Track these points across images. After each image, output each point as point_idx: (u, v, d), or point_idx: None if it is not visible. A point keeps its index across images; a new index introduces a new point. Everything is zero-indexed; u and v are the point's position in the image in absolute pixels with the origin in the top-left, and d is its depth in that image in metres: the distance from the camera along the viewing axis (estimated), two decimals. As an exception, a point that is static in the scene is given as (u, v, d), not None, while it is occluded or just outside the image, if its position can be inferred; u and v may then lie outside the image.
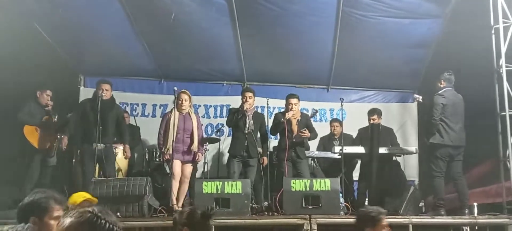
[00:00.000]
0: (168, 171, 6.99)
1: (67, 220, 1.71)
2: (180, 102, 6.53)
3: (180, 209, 6.18)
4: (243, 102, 6.80)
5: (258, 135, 6.99)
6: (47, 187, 6.81)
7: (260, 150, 6.94)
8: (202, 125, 7.42)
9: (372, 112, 7.42)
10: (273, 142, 7.70)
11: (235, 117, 6.75)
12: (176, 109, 6.52)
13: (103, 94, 6.55)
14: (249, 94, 6.86)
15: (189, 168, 6.58)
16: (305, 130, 6.86)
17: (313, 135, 7.13)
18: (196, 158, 6.64)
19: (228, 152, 6.96)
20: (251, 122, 6.72)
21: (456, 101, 6.36)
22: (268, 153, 7.23)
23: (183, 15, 7.03)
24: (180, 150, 6.42)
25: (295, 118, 6.91)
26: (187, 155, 6.51)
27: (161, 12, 6.99)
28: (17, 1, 6.57)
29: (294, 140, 6.82)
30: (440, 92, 6.36)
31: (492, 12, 6.27)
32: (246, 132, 6.66)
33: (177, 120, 6.44)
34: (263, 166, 6.82)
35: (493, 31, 6.28)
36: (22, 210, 2.70)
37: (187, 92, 6.69)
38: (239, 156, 6.68)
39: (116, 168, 6.92)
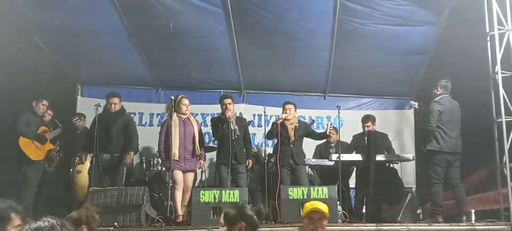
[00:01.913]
0: (166, 180, 6.94)
1: None
2: (182, 106, 6.48)
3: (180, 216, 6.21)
4: (223, 110, 6.72)
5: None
6: (45, 196, 6.84)
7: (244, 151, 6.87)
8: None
9: (366, 119, 7.42)
10: (269, 150, 7.66)
11: (220, 127, 6.66)
12: (176, 114, 6.44)
13: (111, 107, 6.73)
14: (228, 101, 6.74)
15: (191, 176, 6.51)
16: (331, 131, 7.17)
17: (321, 135, 7.31)
18: (198, 166, 6.59)
19: (216, 160, 6.86)
20: (236, 127, 6.64)
21: (452, 108, 6.39)
22: (266, 160, 7.22)
23: (180, 24, 7.05)
24: (182, 157, 6.32)
25: (291, 124, 6.90)
26: (189, 162, 6.41)
27: (159, 22, 7.00)
28: (14, 12, 6.58)
29: (291, 146, 6.81)
30: (436, 99, 6.40)
31: (487, 19, 6.29)
32: (233, 138, 6.58)
33: (178, 125, 6.39)
34: (248, 168, 6.81)
35: (488, 38, 6.30)
36: None
37: (186, 97, 6.64)
38: (227, 164, 6.54)
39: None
